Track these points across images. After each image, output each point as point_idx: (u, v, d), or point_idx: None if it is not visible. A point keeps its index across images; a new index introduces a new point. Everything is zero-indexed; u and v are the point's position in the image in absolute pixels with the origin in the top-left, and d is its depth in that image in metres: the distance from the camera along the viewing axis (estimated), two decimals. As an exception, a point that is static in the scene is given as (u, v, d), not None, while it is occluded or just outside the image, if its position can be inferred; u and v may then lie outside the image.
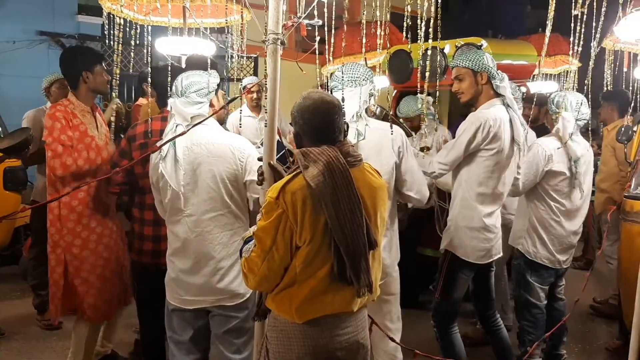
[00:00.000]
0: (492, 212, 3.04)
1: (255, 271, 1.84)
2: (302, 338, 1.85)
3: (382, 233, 1.98)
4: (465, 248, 3.04)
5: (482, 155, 2.98)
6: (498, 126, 2.94)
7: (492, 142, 2.94)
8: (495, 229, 3.07)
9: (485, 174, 2.99)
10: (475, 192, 3.01)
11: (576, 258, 6.59)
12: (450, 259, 3.10)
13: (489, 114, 2.97)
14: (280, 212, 1.78)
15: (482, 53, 3.06)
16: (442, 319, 3.19)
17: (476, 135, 2.94)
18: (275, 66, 2.04)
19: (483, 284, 3.28)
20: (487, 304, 3.31)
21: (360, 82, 2.72)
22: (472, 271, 3.13)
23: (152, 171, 2.56)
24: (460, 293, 3.17)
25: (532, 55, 4.91)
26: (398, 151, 2.70)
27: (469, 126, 2.97)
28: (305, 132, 1.90)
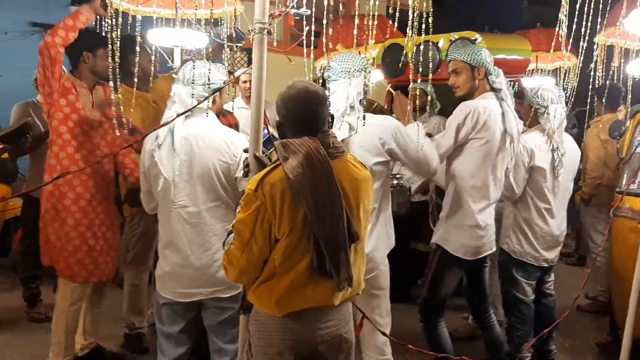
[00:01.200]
0: (484, 208, 3.03)
1: (235, 264, 1.82)
2: (282, 332, 1.84)
3: (365, 226, 1.96)
4: (456, 243, 3.03)
5: (472, 146, 2.97)
6: (488, 115, 2.93)
7: (482, 130, 2.93)
8: (487, 226, 3.05)
9: (476, 165, 2.98)
10: (467, 185, 2.99)
11: (569, 254, 6.61)
12: (441, 254, 3.08)
13: (479, 103, 2.97)
14: (258, 204, 1.76)
15: (480, 48, 3.04)
16: (429, 314, 3.18)
17: (465, 122, 2.92)
18: (262, 56, 2.01)
19: (477, 279, 3.27)
20: (481, 299, 3.30)
21: (354, 72, 2.67)
22: (462, 268, 3.12)
23: (143, 158, 2.54)
24: (448, 289, 3.16)
25: (526, 49, 4.88)
26: (388, 149, 2.66)
27: (458, 113, 2.97)
28: (288, 122, 1.87)
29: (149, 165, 2.49)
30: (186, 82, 2.46)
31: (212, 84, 2.47)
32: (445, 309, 3.25)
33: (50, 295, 3.91)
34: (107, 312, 4.01)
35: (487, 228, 3.06)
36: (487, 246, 3.09)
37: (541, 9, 9.61)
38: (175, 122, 2.41)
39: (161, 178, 2.43)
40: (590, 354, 4.06)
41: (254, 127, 2.04)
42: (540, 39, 6.02)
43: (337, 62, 2.71)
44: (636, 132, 3.90)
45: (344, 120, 2.60)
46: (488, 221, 3.07)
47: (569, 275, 5.62)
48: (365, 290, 2.63)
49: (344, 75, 2.67)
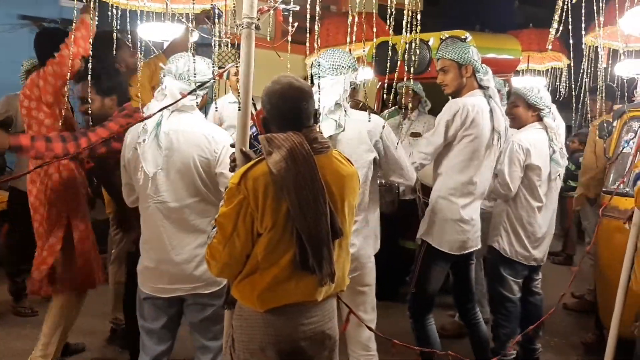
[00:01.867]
0: (469, 203, 3.04)
1: (217, 258, 1.82)
2: (264, 327, 1.84)
3: (350, 222, 1.95)
4: (441, 238, 3.05)
5: (460, 143, 2.99)
6: (476, 112, 2.96)
7: (471, 127, 2.95)
8: (472, 221, 3.06)
9: (464, 161, 3.00)
10: (454, 182, 3.01)
11: (556, 253, 6.66)
12: (426, 249, 3.10)
13: (468, 100, 3.00)
14: (241, 198, 1.75)
15: (467, 46, 3.06)
16: (418, 311, 3.18)
17: (454, 119, 2.95)
18: (249, 51, 2.00)
19: (462, 276, 3.28)
20: (467, 296, 3.32)
21: (342, 70, 2.67)
22: (448, 262, 3.12)
23: (124, 151, 2.51)
24: (436, 285, 3.16)
25: (516, 49, 4.91)
26: (376, 145, 2.67)
27: (447, 111, 2.99)
28: (272, 117, 1.87)
29: (129, 158, 2.47)
30: (177, 76, 2.43)
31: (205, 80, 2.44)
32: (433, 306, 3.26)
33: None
34: (94, 308, 3.99)
35: (472, 223, 3.07)
36: (473, 241, 3.10)
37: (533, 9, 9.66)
38: (162, 116, 2.39)
39: (140, 172, 2.41)
40: (575, 353, 4.09)
41: (241, 122, 2.02)
42: (532, 39, 6.05)
43: (325, 59, 2.70)
44: (623, 132, 3.93)
45: (331, 118, 2.60)
46: (473, 216, 3.08)
47: (556, 275, 5.67)
48: (351, 287, 2.64)
49: (332, 72, 2.67)
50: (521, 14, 9.71)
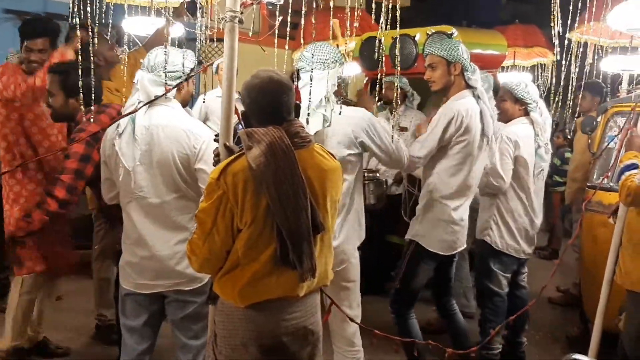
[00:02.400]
0: (460, 205, 3.06)
1: (197, 253, 1.81)
2: (246, 322, 1.83)
3: (333, 216, 1.94)
4: (431, 238, 3.05)
5: (453, 148, 2.99)
6: (470, 117, 2.95)
7: (464, 134, 2.95)
8: (462, 222, 3.08)
9: (457, 166, 3.00)
10: (446, 184, 3.01)
11: (542, 248, 6.70)
12: (415, 248, 3.10)
13: (461, 105, 2.98)
14: (220, 193, 1.74)
15: (457, 43, 3.04)
16: (400, 306, 3.20)
17: (449, 127, 2.94)
18: (232, 45, 1.98)
19: (444, 273, 3.29)
20: (445, 290, 3.35)
21: (329, 64, 2.65)
22: (435, 262, 3.14)
23: (104, 146, 2.48)
24: (421, 283, 3.18)
25: (502, 45, 4.92)
26: (361, 144, 2.66)
27: (442, 118, 2.98)
28: (252, 112, 1.85)
29: (109, 153, 2.44)
30: (150, 68, 2.41)
31: (175, 72, 2.40)
32: (417, 302, 3.27)
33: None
34: (78, 305, 3.97)
35: (462, 224, 3.09)
36: (461, 242, 3.12)
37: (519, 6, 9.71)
38: (138, 110, 2.36)
39: (121, 167, 2.38)
40: (560, 346, 4.12)
41: (225, 116, 2.01)
42: (518, 34, 6.07)
43: (311, 52, 2.67)
44: (607, 128, 3.96)
45: (318, 112, 2.58)
46: (464, 216, 3.10)
47: (542, 269, 5.69)
48: (335, 282, 2.63)
49: (318, 66, 2.63)
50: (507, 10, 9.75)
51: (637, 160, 2.84)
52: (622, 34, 3.66)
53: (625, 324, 2.91)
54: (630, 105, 3.16)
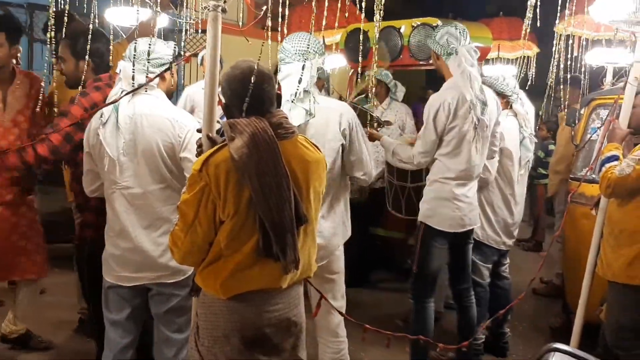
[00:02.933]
0: (462, 184, 3.07)
1: (179, 245, 1.79)
2: (228, 314, 1.81)
3: (316, 208, 1.93)
4: (436, 217, 3.08)
5: (448, 135, 3.02)
6: (456, 104, 2.97)
7: (454, 120, 2.98)
8: (466, 198, 3.08)
9: (454, 151, 3.02)
10: (446, 169, 3.04)
11: (526, 240, 6.76)
12: (424, 230, 3.12)
13: (447, 93, 3.01)
14: (203, 184, 1.72)
15: (436, 30, 3.10)
16: (420, 291, 3.20)
17: (438, 115, 2.98)
18: (216, 34, 1.96)
19: (459, 257, 3.29)
20: (462, 277, 3.33)
21: (308, 55, 2.60)
22: (446, 240, 3.13)
23: (88, 136, 2.44)
24: (437, 263, 3.18)
25: (486, 37, 4.92)
26: (343, 133, 2.63)
27: (430, 109, 3.03)
28: (233, 102, 1.83)
29: (93, 143, 2.40)
30: (132, 58, 2.38)
31: (158, 59, 2.37)
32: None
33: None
34: (61, 299, 3.93)
35: (467, 201, 3.09)
36: (469, 219, 3.11)
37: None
38: (121, 100, 2.33)
39: (106, 157, 2.35)
40: (542, 337, 4.16)
41: (208, 107, 1.99)
42: (503, 27, 6.09)
43: (290, 44, 2.63)
44: (590, 120, 3.99)
45: (299, 106, 2.56)
46: (468, 194, 3.09)
47: (525, 261, 5.75)
48: (320, 274, 2.64)
49: (297, 57, 2.60)
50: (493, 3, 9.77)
51: (618, 152, 2.86)
52: (606, 27, 3.69)
53: (606, 315, 2.94)
54: (613, 98, 3.18)
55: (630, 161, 2.70)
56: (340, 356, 2.80)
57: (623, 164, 2.72)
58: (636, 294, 2.76)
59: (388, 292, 4.94)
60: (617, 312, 2.85)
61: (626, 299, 2.80)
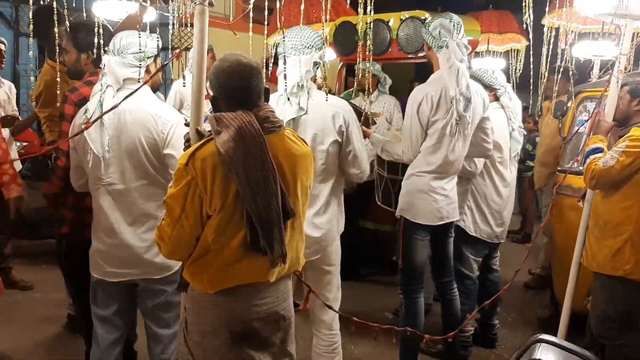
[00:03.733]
0: (440, 178, 3.06)
1: (166, 240, 1.78)
2: (216, 308, 1.81)
3: (304, 202, 1.93)
4: (414, 210, 3.07)
5: (430, 128, 3.00)
6: (439, 96, 2.95)
7: (437, 113, 2.96)
8: (443, 191, 3.06)
9: (435, 145, 3.01)
10: (426, 163, 3.03)
11: (515, 232, 6.81)
12: (404, 224, 3.11)
13: (429, 86, 3.00)
14: (189, 179, 1.71)
15: (429, 22, 3.06)
16: (408, 285, 3.20)
17: (421, 108, 2.96)
18: (203, 28, 1.95)
19: (440, 249, 3.28)
20: (444, 271, 3.33)
21: (305, 50, 2.59)
22: (427, 232, 3.12)
23: (73, 132, 2.42)
24: (421, 256, 3.17)
25: (475, 30, 4.93)
26: (340, 130, 2.62)
27: (413, 102, 3.00)
28: (221, 96, 1.82)
29: (78, 139, 2.38)
30: (116, 52, 2.35)
31: (141, 52, 2.34)
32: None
33: None
34: (49, 295, 3.91)
35: (444, 194, 3.07)
36: (448, 212, 3.09)
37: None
38: (105, 95, 2.31)
39: (90, 153, 2.33)
40: (531, 328, 4.19)
41: (195, 101, 1.98)
42: (492, 20, 6.10)
43: (288, 38, 2.63)
44: (577, 112, 4.01)
45: (292, 100, 2.55)
46: (445, 187, 3.08)
47: (514, 253, 5.78)
48: (317, 267, 2.66)
49: (294, 52, 2.60)
50: (482, -5, 9.75)
51: (602, 144, 2.89)
52: (593, 20, 3.71)
53: (592, 305, 2.97)
54: (600, 90, 3.20)
55: (614, 153, 2.72)
56: (333, 349, 2.80)
57: (607, 156, 2.75)
58: (620, 285, 2.79)
59: (378, 285, 4.97)
60: (602, 302, 2.88)
61: (611, 290, 2.84)
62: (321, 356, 2.80)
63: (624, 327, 2.85)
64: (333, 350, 2.81)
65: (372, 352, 3.68)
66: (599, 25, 4.06)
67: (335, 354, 2.81)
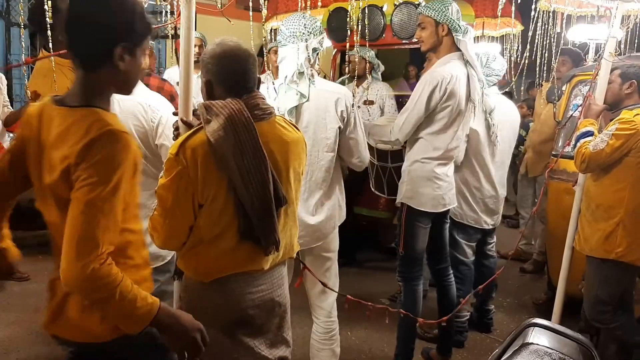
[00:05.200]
0: (443, 164, 3.05)
1: (159, 230, 1.77)
2: (211, 297, 1.81)
3: (296, 189, 1.93)
4: (418, 198, 3.04)
5: (439, 114, 2.96)
6: (454, 83, 2.90)
7: (448, 99, 2.91)
8: (447, 177, 3.06)
9: (441, 130, 2.98)
10: (429, 148, 3.00)
11: (510, 217, 6.80)
12: (407, 211, 3.09)
13: (444, 71, 2.91)
14: (180, 169, 1.69)
15: (447, 4, 2.95)
16: (408, 273, 3.18)
17: (434, 94, 2.89)
18: (190, 15, 1.93)
19: (437, 236, 3.26)
20: (440, 257, 3.32)
21: (303, 37, 2.56)
22: (429, 219, 3.12)
23: None
24: (422, 243, 3.16)
25: (469, 15, 4.89)
26: (341, 116, 2.60)
27: (426, 86, 2.91)
28: (217, 79, 1.80)
29: None
30: None
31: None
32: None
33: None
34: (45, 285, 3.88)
35: (447, 180, 3.06)
36: (449, 199, 3.09)
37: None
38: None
39: None
40: (527, 312, 4.22)
41: (183, 90, 1.96)
42: (486, 5, 6.04)
43: (285, 26, 2.61)
44: (572, 96, 4.00)
45: (293, 88, 2.53)
46: (448, 173, 3.07)
47: (509, 237, 5.81)
48: (317, 254, 2.68)
49: (292, 39, 2.57)
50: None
51: (593, 128, 2.88)
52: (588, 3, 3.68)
53: (585, 289, 2.99)
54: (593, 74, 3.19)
55: (605, 136, 2.72)
56: (331, 335, 2.81)
57: (597, 139, 2.75)
58: (613, 268, 2.80)
59: (373, 272, 4.98)
60: (595, 286, 2.89)
61: (603, 273, 2.85)
62: (319, 343, 2.82)
63: (617, 310, 2.86)
64: (331, 337, 2.82)
65: (368, 337, 3.70)
66: (594, 9, 4.04)
67: (333, 341, 2.82)
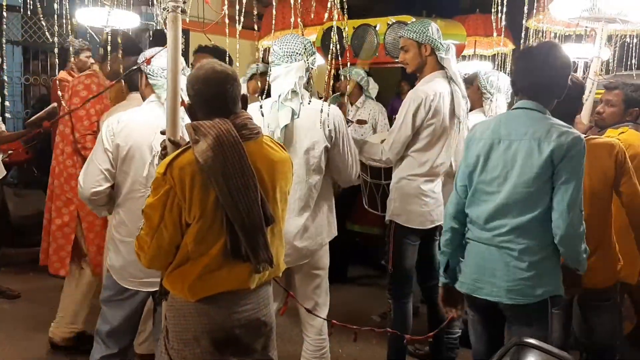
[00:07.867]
0: (430, 181, 3.06)
1: (145, 249, 1.78)
2: (197, 316, 1.82)
3: (283, 208, 1.94)
4: (406, 215, 3.05)
5: (423, 132, 3.00)
6: (437, 101, 2.95)
7: (433, 117, 2.96)
8: (434, 194, 3.07)
9: (426, 147, 3.01)
10: (415, 165, 3.03)
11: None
12: (395, 229, 3.10)
13: (428, 89, 2.97)
14: (167, 188, 1.71)
15: (427, 24, 3.03)
16: (397, 290, 3.18)
17: (419, 111, 2.94)
18: (176, 35, 1.95)
19: (427, 253, 3.26)
20: (430, 274, 3.29)
21: (296, 57, 2.60)
22: (418, 236, 3.12)
23: (122, 134, 2.46)
24: (411, 261, 3.16)
25: (461, 34, 4.95)
26: (329, 135, 2.62)
27: (411, 104, 2.97)
28: (197, 104, 1.83)
29: (132, 144, 2.41)
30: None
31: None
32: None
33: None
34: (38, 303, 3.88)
35: (434, 197, 3.08)
36: (437, 215, 3.09)
37: (480, -5, 9.74)
38: None
39: (139, 159, 2.42)
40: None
41: (170, 109, 1.97)
42: (478, 24, 6.11)
43: (279, 46, 2.64)
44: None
45: (287, 106, 2.55)
46: (435, 189, 3.09)
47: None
48: (306, 271, 2.67)
49: (286, 59, 2.60)
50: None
51: None
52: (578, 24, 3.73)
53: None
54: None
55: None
56: (322, 353, 2.80)
57: None
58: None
59: (365, 288, 4.97)
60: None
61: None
62: None
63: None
64: (322, 355, 2.80)
65: (359, 355, 3.68)
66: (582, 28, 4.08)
67: (324, 359, 2.81)
